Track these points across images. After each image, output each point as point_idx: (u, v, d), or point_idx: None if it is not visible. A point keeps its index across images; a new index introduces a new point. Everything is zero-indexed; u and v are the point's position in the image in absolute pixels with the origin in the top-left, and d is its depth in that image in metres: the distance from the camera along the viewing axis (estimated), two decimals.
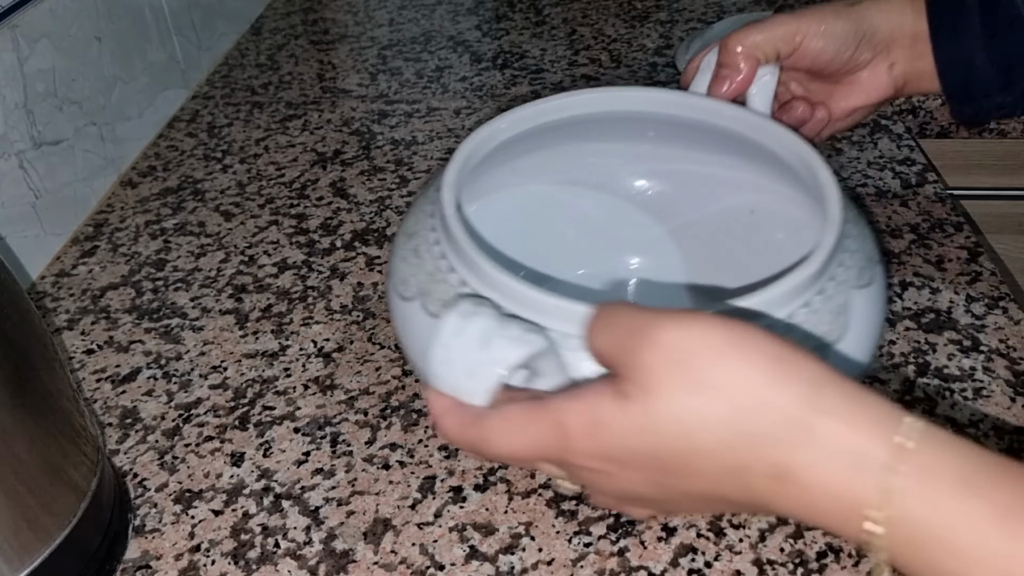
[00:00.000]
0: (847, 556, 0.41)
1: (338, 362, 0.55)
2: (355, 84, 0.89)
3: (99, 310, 0.60)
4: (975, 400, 0.49)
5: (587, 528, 0.43)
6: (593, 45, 0.94)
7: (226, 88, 0.90)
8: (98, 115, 0.72)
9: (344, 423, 0.50)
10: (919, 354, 0.52)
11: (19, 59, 0.62)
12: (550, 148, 0.52)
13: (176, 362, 0.55)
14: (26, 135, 0.63)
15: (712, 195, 0.53)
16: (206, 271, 0.63)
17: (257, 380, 0.54)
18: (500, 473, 0.46)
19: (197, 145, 0.80)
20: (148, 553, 0.44)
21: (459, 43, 0.97)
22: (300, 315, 0.59)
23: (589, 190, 0.55)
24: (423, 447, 0.48)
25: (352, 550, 0.43)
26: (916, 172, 0.69)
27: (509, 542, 0.43)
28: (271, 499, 0.46)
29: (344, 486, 0.46)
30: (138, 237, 0.68)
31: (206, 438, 0.50)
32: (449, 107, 0.83)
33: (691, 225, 0.55)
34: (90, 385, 0.54)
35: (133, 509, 0.46)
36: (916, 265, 0.59)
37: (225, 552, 0.43)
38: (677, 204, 0.55)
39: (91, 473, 0.41)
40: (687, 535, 0.43)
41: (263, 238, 0.67)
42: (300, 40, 1.01)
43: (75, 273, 0.64)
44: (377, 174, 0.74)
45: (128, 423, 0.51)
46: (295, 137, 0.81)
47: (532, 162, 0.52)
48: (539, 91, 0.85)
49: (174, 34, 0.85)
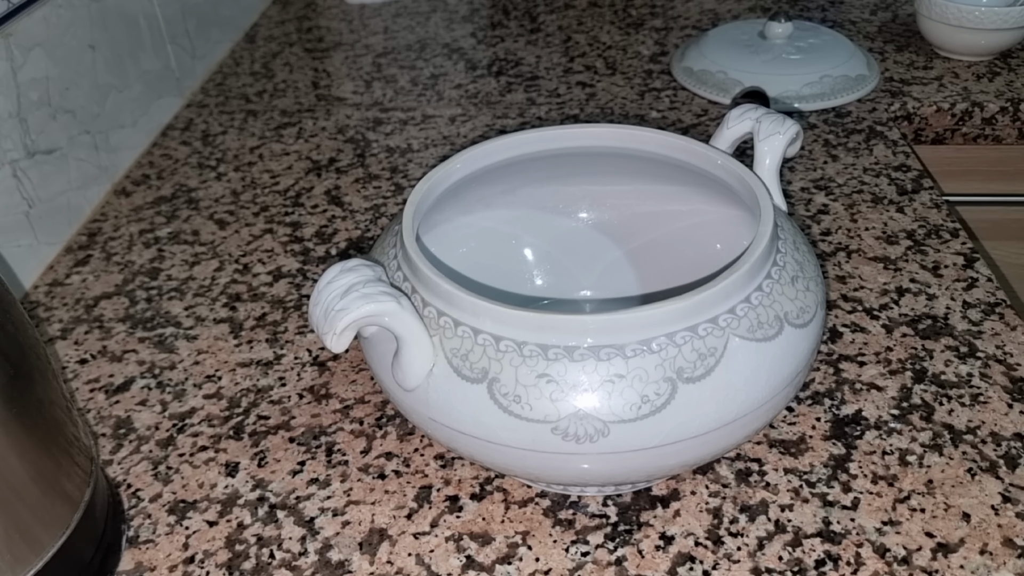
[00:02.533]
0: (845, 564, 0.41)
1: (333, 371, 0.54)
2: (350, 92, 0.89)
3: (92, 319, 0.60)
4: (972, 406, 0.49)
5: (584, 537, 0.43)
6: (588, 52, 0.94)
7: (220, 96, 0.90)
8: (92, 124, 0.72)
9: (339, 432, 0.50)
10: (916, 360, 0.52)
11: (13, 68, 0.62)
12: (502, 184, 0.53)
13: (170, 371, 0.55)
14: (19, 144, 0.63)
15: (657, 220, 0.54)
16: (200, 280, 0.63)
17: (252, 389, 0.53)
18: (497, 482, 0.46)
19: (191, 153, 0.80)
20: (142, 564, 0.43)
21: (454, 50, 0.97)
22: (295, 324, 0.58)
23: (542, 221, 0.56)
24: (419, 456, 0.48)
25: (348, 561, 0.43)
26: (912, 179, 0.69)
27: (506, 552, 0.43)
28: (266, 509, 0.46)
29: (339, 496, 0.46)
30: (132, 246, 0.68)
31: (200, 448, 0.50)
32: (444, 114, 0.83)
33: (642, 248, 0.56)
34: (83, 395, 0.54)
35: (127, 520, 0.46)
36: (912, 271, 0.59)
37: (220, 563, 0.43)
38: (626, 230, 0.55)
39: (84, 484, 0.41)
40: (685, 544, 0.42)
41: (257, 246, 0.67)
42: (294, 48, 1.01)
43: (68, 282, 0.64)
44: (372, 182, 0.74)
45: (122, 433, 0.51)
46: (290, 145, 0.80)
47: (484, 196, 0.53)
48: (534, 98, 0.85)
49: (168, 42, 0.85)
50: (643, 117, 0.81)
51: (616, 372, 0.37)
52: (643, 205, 0.54)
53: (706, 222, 0.52)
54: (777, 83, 0.80)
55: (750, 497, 0.45)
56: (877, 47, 0.91)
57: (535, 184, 0.54)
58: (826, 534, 0.43)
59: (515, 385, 0.37)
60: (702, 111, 0.81)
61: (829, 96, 0.80)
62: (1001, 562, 0.41)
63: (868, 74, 0.83)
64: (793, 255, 0.42)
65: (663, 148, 0.49)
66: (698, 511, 0.44)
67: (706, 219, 0.52)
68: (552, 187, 0.54)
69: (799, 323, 0.40)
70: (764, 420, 0.40)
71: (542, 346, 0.37)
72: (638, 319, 0.37)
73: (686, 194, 0.52)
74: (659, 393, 0.37)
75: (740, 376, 0.38)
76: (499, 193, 0.53)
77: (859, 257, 0.61)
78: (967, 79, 0.84)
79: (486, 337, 0.38)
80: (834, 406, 0.50)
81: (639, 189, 0.54)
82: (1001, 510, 0.43)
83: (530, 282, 0.55)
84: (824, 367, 0.52)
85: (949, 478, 0.45)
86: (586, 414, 0.37)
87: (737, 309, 0.38)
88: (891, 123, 0.77)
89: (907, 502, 0.44)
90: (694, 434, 0.38)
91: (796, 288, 0.41)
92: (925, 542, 0.42)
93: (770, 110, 0.49)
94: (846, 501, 0.44)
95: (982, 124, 0.81)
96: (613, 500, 0.45)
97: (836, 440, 0.47)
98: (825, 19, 0.99)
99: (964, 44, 0.85)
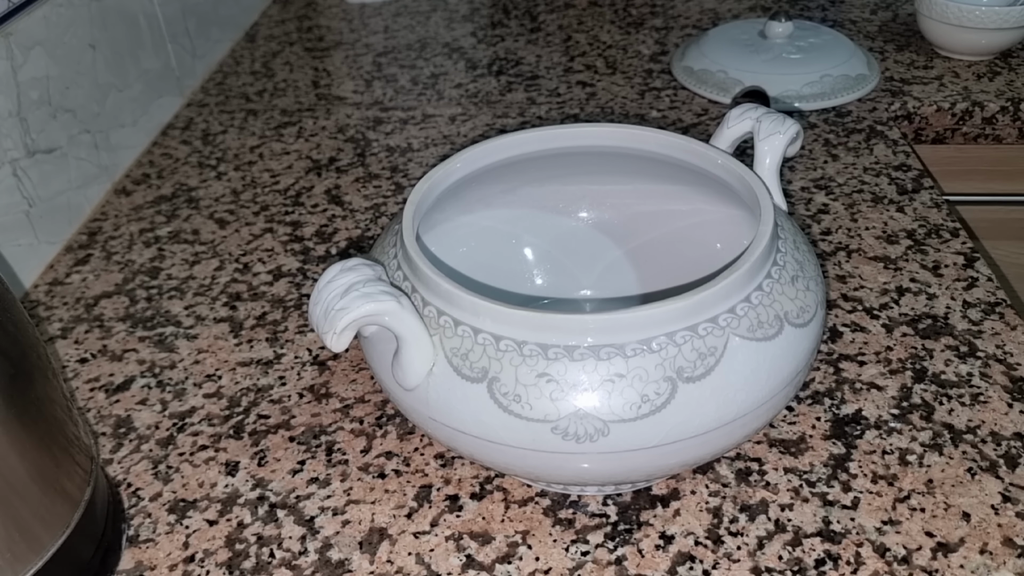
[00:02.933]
0: (845, 563, 0.41)
1: (333, 370, 0.54)
2: (350, 91, 0.89)
3: (93, 319, 0.60)
4: (972, 406, 0.49)
5: (584, 537, 0.43)
6: (589, 51, 0.94)
7: (220, 95, 0.90)
8: (92, 123, 0.72)
9: (339, 432, 0.50)
10: (916, 360, 0.52)
11: (13, 67, 0.62)
12: (502, 183, 0.53)
13: (170, 371, 0.55)
14: (20, 143, 0.63)
15: (657, 219, 0.54)
16: (200, 279, 0.63)
17: (252, 389, 0.53)
18: (497, 481, 0.46)
19: (191, 152, 0.80)
20: (142, 563, 0.43)
21: (454, 50, 0.97)
22: (295, 323, 0.58)
23: (542, 221, 0.56)
24: (419, 456, 0.48)
25: (348, 560, 0.43)
26: (912, 178, 0.69)
27: (506, 551, 0.43)
28: (266, 509, 0.46)
29: (339, 495, 0.46)
30: (132, 245, 0.68)
31: (200, 447, 0.50)
32: (444, 114, 0.83)
33: (642, 247, 0.56)
34: (83, 394, 0.54)
35: (127, 519, 0.46)
36: (912, 271, 0.59)
37: (220, 562, 0.43)
38: (626, 229, 0.55)
39: (84, 483, 0.41)
40: (685, 543, 0.42)
41: (258, 246, 0.67)
42: (295, 47, 1.01)
43: (69, 282, 0.64)
44: (372, 181, 0.74)
45: (122, 432, 0.51)
46: (290, 144, 0.80)
47: (484, 196, 0.53)
48: (534, 97, 0.85)
49: (168, 41, 0.85)
50: (643, 116, 0.81)
51: (616, 371, 0.37)
52: (643, 204, 0.54)
53: (706, 222, 0.52)
54: (777, 82, 0.80)
55: (750, 497, 0.45)
56: (877, 46, 0.91)
57: (535, 183, 0.54)
58: (826, 534, 0.43)
59: (515, 384, 0.37)
60: (702, 110, 0.81)
61: (829, 95, 0.80)
62: (1001, 562, 0.41)
63: (868, 73, 0.83)
64: (793, 254, 0.42)
65: (663, 148, 0.49)
66: (698, 510, 0.44)
67: (706, 219, 0.52)
68: (552, 186, 0.54)
69: (799, 323, 0.40)
70: (764, 420, 0.40)
71: (542, 345, 0.37)
72: (638, 319, 0.37)
73: (686, 194, 0.52)
74: (659, 392, 0.37)
75: (740, 376, 0.38)
76: (499, 192, 0.53)
77: (859, 257, 0.61)
78: (967, 79, 0.84)
79: (486, 336, 0.38)
80: (834, 406, 0.50)
81: (639, 188, 0.54)
82: (1001, 510, 0.43)
83: (530, 281, 0.55)
84: (824, 367, 0.52)
85: (949, 478, 0.45)
86: (586, 413, 0.37)
87: (737, 308, 0.38)
88: (891, 123, 0.77)
89: (907, 502, 0.44)
90: (694, 434, 0.38)
91: (796, 288, 0.41)
92: (925, 541, 0.42)
93: (770, 109, 0.49)
94: (846, 501, 0.44)
95: (982, 124, 0.81)
96: (613, 499, 0.45)
97: (836, 440, 0.47)
98: (825, 18, 0.99)
99: (965, 43, 0.85)
